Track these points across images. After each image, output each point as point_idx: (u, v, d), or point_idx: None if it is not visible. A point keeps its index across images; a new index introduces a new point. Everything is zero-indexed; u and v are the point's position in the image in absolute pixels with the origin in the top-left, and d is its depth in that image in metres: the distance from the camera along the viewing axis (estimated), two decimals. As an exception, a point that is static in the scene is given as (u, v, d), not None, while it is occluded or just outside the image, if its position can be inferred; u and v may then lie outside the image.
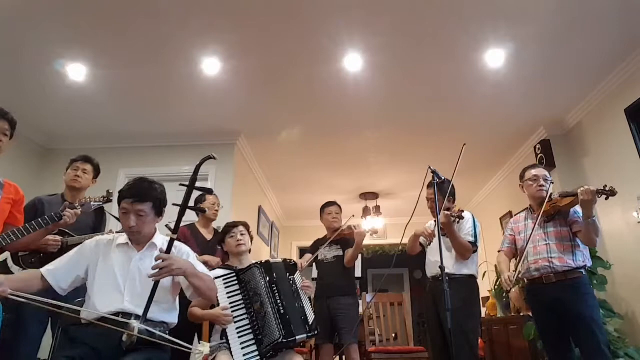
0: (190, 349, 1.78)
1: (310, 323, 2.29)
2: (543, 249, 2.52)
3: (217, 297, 2.10)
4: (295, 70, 3.49)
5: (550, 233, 2.55)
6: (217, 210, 3.25)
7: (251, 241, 2.53)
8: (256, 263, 2.30)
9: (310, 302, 2.44)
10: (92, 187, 2.76)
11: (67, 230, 2.47)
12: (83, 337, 1.63)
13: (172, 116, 4.23)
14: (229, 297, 2.17)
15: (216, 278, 2.19)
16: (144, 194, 1.75)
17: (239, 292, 2.21)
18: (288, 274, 2.38)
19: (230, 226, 2.47)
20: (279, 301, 2.18)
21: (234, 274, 2.27)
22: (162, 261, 1.62)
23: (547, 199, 2.56)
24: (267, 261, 2.36)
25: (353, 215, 3.41)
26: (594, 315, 2.35)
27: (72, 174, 2.68)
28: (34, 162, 4.46)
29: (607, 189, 2.28)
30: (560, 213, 2.55)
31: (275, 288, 2.21)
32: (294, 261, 2.53)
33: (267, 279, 2.23)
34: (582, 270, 2.46)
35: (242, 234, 2.43)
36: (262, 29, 3.03)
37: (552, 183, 2.65)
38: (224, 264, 2.55)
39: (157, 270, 1.61)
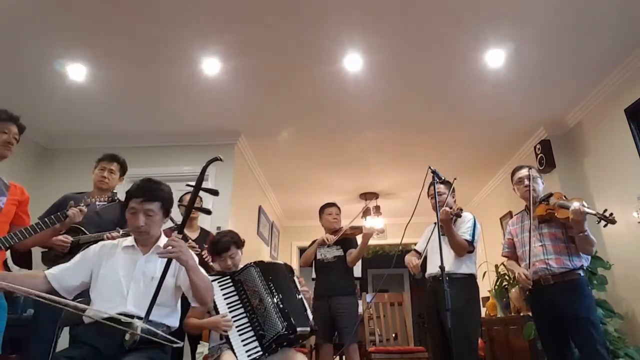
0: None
1: (310, 319, 2.29)
2: (539, 251, 2.53)
3: (214, 300, 2.09)
4: (296, 70, 3.49)
5: (544, 234, 2.55)
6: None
7: (241, 253, 2.48)
8: (250, 263, 2.31)
9: (309, 303, 2.45)
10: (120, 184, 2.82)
11: (81, 228, 2.47)
12: (85, 337, 1.64)
13: (172, 116, 4.23)
14: (225, 299, 2.17)
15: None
16: (153, 194, 1.77)
17: (234, 292, 2.22)
18: (288, 274, 2.41)
19: (222, 250, 2.36)
20: (278, 296, 2.18)
21: (228, 277, 2.27)
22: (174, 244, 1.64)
23: (542, 200, 2.59)
24: (262, 261, 2.37)
25: (365, 213, 3.43)
26: (590, 317, 2.36)
27: (99, 174, 2.73)
28: (34, 162, 4.45)
29: (608, 216, 2.23)
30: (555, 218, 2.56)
31: (272, 285, 2.21)
32: (290, 265, 2.56)
33: (264, 276, 2.23)
34: (580, 271, 2.46)
35: (231, 258, 2.36)
36: (262, 29, 3.03)
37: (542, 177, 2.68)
38: (214, 270, 2.52)
39: (166, 250, 1.63)
